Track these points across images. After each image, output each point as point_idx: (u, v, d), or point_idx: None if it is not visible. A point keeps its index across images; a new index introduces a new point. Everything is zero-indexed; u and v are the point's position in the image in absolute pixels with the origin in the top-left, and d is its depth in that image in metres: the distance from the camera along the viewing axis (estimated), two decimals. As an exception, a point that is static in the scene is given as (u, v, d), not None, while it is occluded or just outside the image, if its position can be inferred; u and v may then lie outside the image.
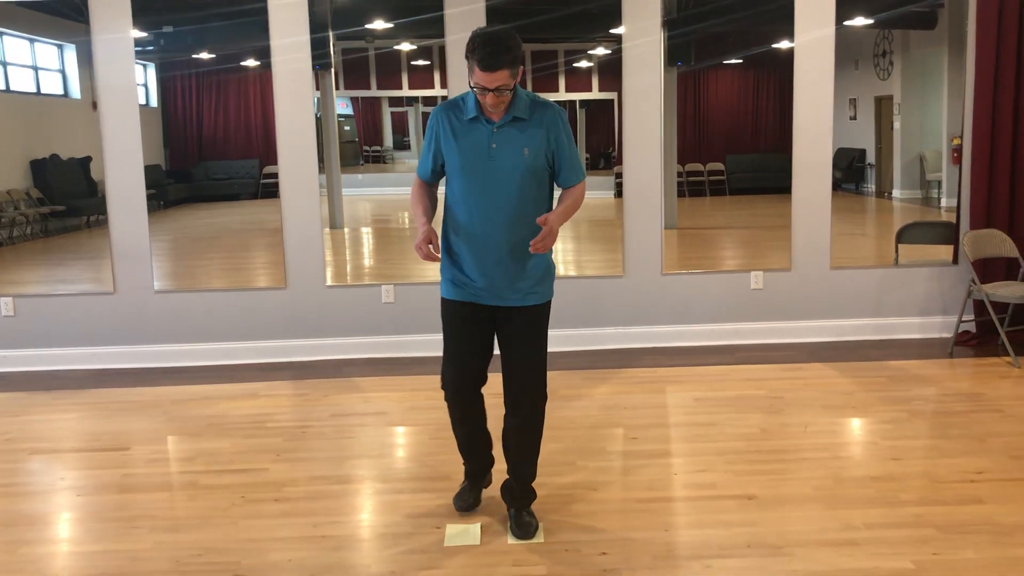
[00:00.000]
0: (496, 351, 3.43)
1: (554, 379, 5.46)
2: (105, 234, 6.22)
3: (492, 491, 3.82)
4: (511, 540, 3.41)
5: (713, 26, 7.73)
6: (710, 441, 4.42)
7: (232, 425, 4.87)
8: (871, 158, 8.70)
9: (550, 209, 3.31)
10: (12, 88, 7.31)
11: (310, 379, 5.72)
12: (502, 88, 3.07)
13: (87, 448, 4.63)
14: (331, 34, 6.32)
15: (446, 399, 3.49)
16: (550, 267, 3.37)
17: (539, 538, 3.42)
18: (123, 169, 6.06)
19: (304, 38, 5.96)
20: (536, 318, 3.33)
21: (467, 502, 3.65)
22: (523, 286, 3.28)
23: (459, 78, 6.07)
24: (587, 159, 9.99)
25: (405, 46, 8.39)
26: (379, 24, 6.89)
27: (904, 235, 6.81)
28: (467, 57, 3.08)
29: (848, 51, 8.85)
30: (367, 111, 10.12)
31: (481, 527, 3.52)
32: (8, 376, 5.99)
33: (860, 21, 7.37)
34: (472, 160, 3.20)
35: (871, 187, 8.76)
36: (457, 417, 3.53)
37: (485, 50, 3.01)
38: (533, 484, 3.54)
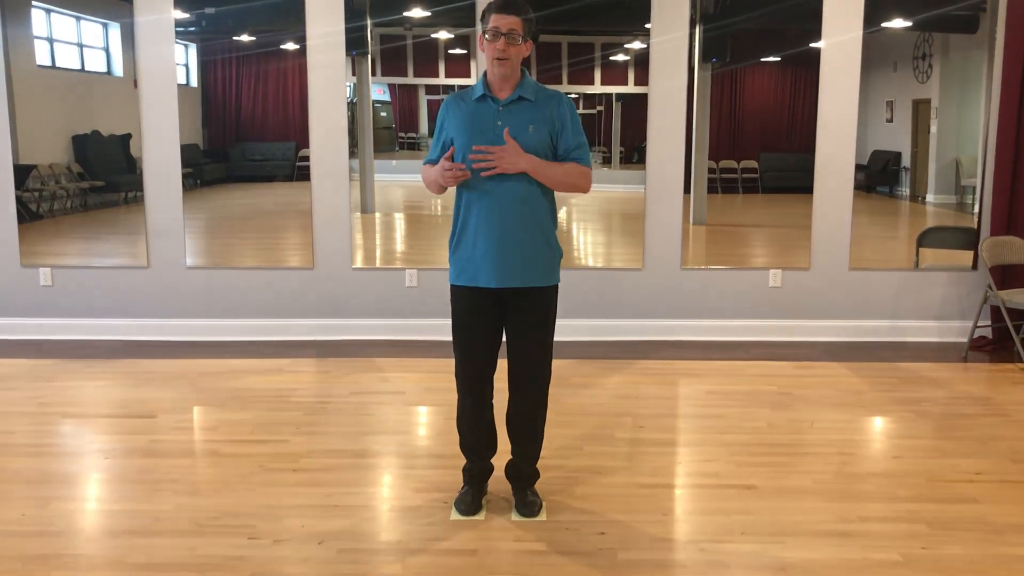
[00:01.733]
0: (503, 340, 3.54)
1: (567, 367, 5.62)
2: (141, 210, 6.42)
3: (497, 470, 3.96)
4: (515, 517, 3.54)
5: (748, 22, 7.76)
6: (717, 433, 4.52)
7: (256, 398, 5.05)
8: (906, 161, 8.69)
9: (553, 192, 3.42)
10: (58, 65, 7.52)
11: (333, 357, 5.89)
12: (514, 33, 3.21)
13: (116, 414, 4.83)
14: (369, 21, 6.46)
15: (459, 388, 3.56)
16: (555, 251, 3.43)
17: (542, 516, 3.55)
18: (160, 147, 6.25)
19: (339, 26, 6.11)
20: (542, 301, 3.43)
21: (469, 505, 3.59)
22: (529, 266, 3.35)
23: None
24: (621, 152, 10.07)
25: (442, 34, 8.50)
26: (417, 12, 7.01)
27: (925, 239, 6.84)
28: (482, 17, 3.29)
29: (887, 53, 8.83)
30: (404, 98, 10.27)
31: (487, 502, 3.65)
32: (44, 343, 6.22)
33: (899, 23, 7.37)
34: (479, 136, 3.28)
35: (905, 191, 8.75)
36: (467, 406, 3.57)
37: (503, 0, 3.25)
38: (537, 465, 3.66)
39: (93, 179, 7.56)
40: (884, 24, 6.83)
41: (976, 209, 6.49)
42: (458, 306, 3.46)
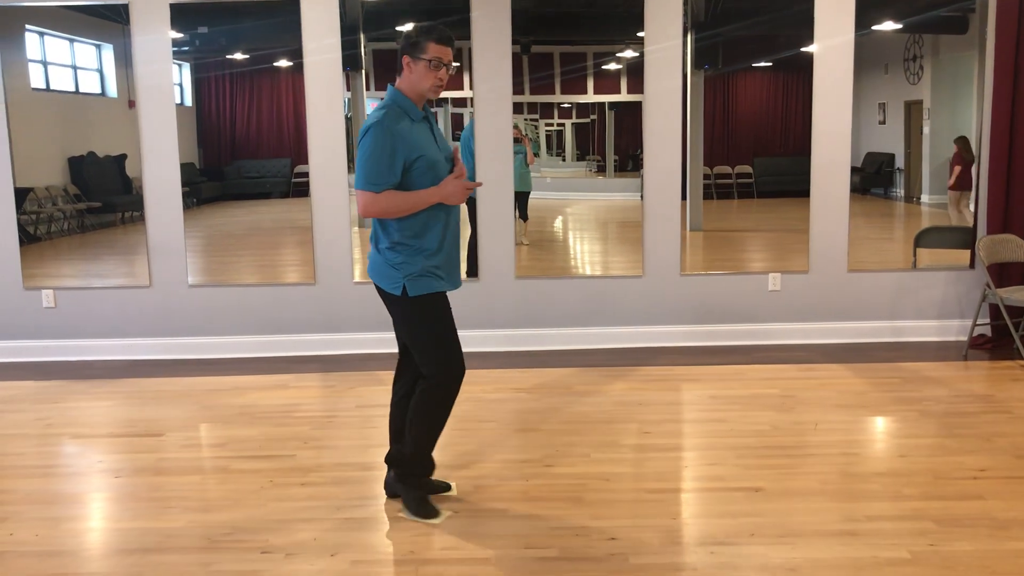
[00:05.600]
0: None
1: (571, 375, 5.66)
2: (139, 230, 6.45)
3: (506, 478, 4.00)
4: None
5: (740, 29, 7.83)
6: (721, 436, 4.55)
7: (262, 414, 5.07)
8: (900, 163, 8.74)
9: None
10: (52, 87, 7.56)
11: (337, 372, 5.91)
12: (451, 63, 3.48)
13: (123, 434, 4.85)
14: (362, 36, 6.50)
15: (453, 389, 3.59)
16: None
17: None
18: (160, 166, 6.28)
19: (335, 40, 6.16)
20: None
21: (436, 507, 3.70)
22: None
23: (487, 81, 6.24)
24: (616, 161, 10.12)
25: (434, 48, 8.54)
26: (408, 26, 7.05)
27: (922, 239, 6.89)
28: (413, 42, 3.43)
29: (878, 55, 8.90)
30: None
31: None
32: (48, 365, 6.23)
33: (890, 25, 7.43)
34: (434, 153, 3.49)
35: (900, 192, 8.80)
36: (451, 406, 3.64)
37: (441, 29, 3.46)
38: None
39: (90, 200, 7.58)
40: (874, 27, 6.89)
41: (972, 208, 6.54)
42: (442, 310, 3.57)
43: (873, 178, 9.22)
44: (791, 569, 3.17)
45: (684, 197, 6.47)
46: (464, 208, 3.77)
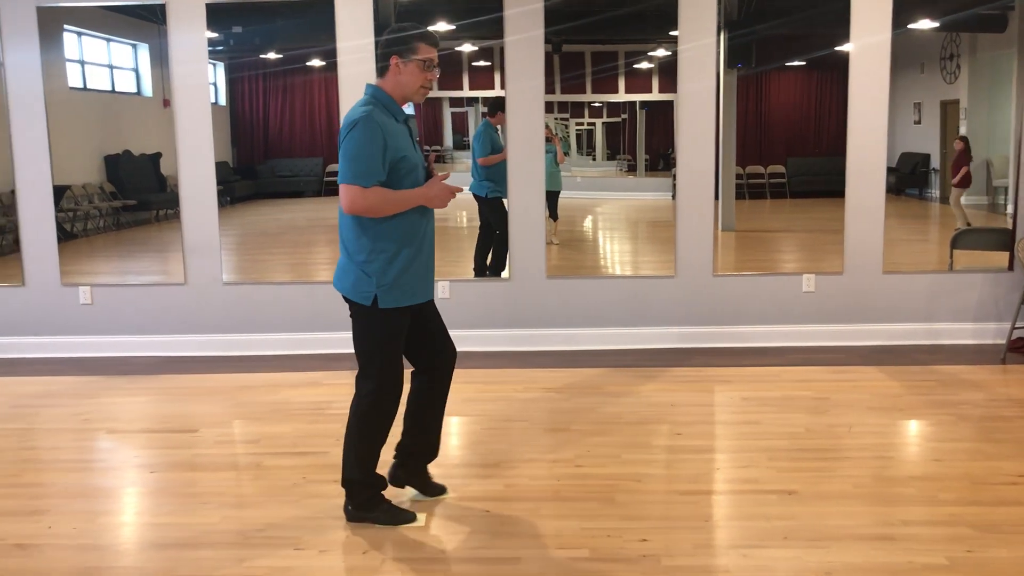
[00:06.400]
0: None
1: (602, 375, 5.64)
2: (173, 227, 6.51)
3: (537, 478, 4.00)
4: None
5: (774, 27, 7.77)
6: (754, 439, 4.52)
7: (295, 411, 5.11)
8: (936, 163, 8.65)
9: None
10: (89, 86, 7.66)
11: (368, 370, 5.93)
12: (439, 66, 3.48)
13: (158, 429, 4.90)
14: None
15: (390, 409, 3.59)
16: None
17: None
18: (195, 165, 6.34)
19: (369, 39, 6.18)
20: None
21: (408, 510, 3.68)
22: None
23: (519, 80, 6.23)
24: (646, 160, 10.09)
25: (466, 47, 8.57)
26: (441, 26, 7.07)
27: (959, 241, 6.81)
28: (404, 44, 3.40)
29: (914, 54, 8.80)
30: (428, 111, 10.35)
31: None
32: (85, 361, 6.32)
33: (926, 24, 7.34)
34: (415, 157, 3.46)
35: (935, 192, 8.70)
36: (390, 424, 3.62)
37: (430, 31, 3.46)
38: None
39: (125, 198, 7.68)
40: (910, 25, 6.81)
41: (1009, 209, 6.45)
42: (402, 327, 3.53)
43: (908, 179, 9.12)
44: (826, 573, 3.14)
45: (716, 197, 6.43)
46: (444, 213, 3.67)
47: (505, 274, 6.42)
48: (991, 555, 3.24)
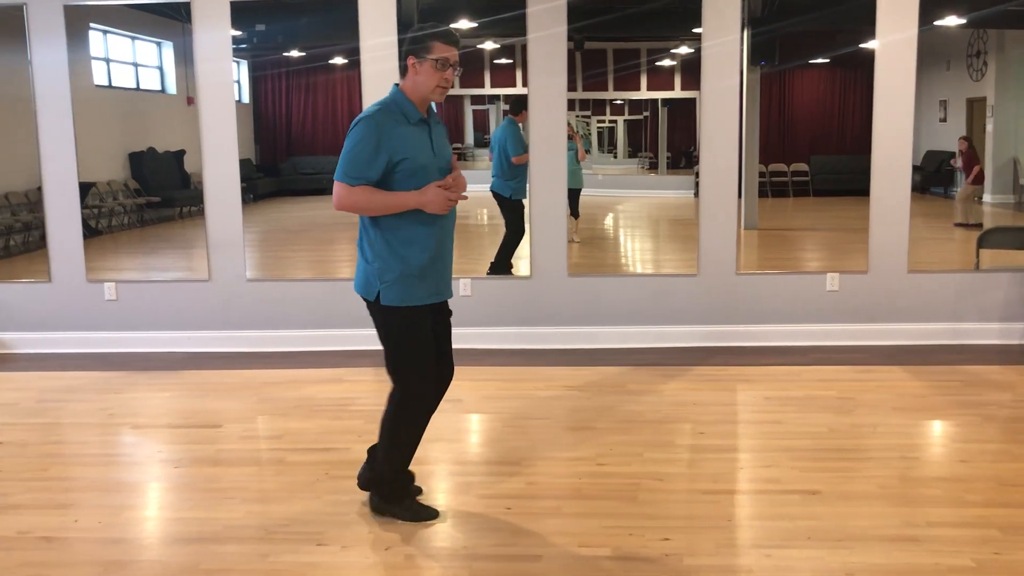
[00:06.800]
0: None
1: (624, 374, 5.63)
2: (197, 224, 6.55)
3: (559, 476, 3.99)
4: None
5: (798, 24, 7.73)
6: (777, 438, 4.49)
7: (318, 407, 5.13)
8: (961, 161, 8.57)
9: None
10: (114, 84, 7.73)
11: (390, 367, 5.95)
12: (457, 64, 3.42)
13: (182, 425, 4.94)
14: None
15: (418, 410, 3.59)
16: None
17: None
18: (219, 162, 6.37)
19: (392, 37, 6.18)
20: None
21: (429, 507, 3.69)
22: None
23: (541, 77, 6.22)
24: (668, 158, 10.06)
25: (488, 45, 8.57)
26: (463, 23, 7.08)
27: (986, 240, 6.74)
28: (419, 41, 3.37)
29: (939, 51, 8.73)
30: (449, 108, 10.37)
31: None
32: (110, 356, 6.37)
33: (953, 21, 7.26)
34: (424, 159, 3.40)
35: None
36: (422, 427, 3.63)
37: (447, 29, 3.40)
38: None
39: (149, 195, 7.75)
40: (937, 22, 6.75)
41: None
42: (416, 325, 3.50)
43: (933, 177, 9.05)
44: (849, 574, 3.12)
45: (739, 195, 6.40)
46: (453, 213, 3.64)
47: (526, 272, 6.42)
48: (1019, 557, 3.21)
